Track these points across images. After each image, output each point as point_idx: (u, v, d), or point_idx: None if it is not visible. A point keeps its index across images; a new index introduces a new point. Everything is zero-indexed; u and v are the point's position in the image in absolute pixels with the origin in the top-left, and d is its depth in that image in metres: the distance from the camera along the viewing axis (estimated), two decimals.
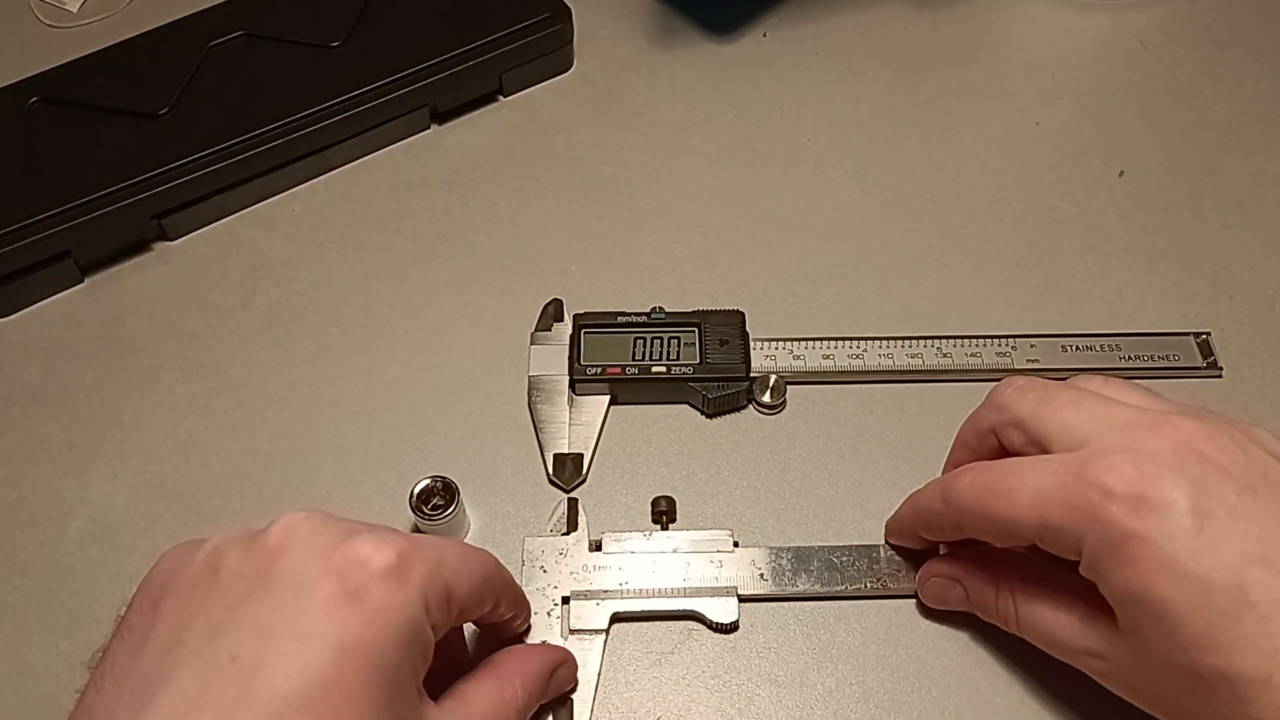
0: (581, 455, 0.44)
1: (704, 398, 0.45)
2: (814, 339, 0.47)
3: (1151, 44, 0.58)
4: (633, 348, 0.46)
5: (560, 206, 0.53)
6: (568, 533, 0.42)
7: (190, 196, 0.50)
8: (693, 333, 0.46)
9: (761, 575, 0.41)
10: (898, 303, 0.49)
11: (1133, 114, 0.56)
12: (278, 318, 0.49)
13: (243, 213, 0.52)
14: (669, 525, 0.43)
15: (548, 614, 0.40)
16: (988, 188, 0.53)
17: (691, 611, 0.41)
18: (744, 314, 0.47)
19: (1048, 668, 0.40)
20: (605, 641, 0.40)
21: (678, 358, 0.46)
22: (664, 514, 0.43)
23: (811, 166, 0.54)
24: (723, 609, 0.40)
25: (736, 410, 0.46)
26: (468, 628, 0.39)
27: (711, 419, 0.46)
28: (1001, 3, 0.60)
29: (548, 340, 0.47)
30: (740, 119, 0.56)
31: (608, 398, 0.46)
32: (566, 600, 0.41)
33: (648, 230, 0.52)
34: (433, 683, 0.33)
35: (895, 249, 0.51)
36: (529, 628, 0.40)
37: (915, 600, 0.41)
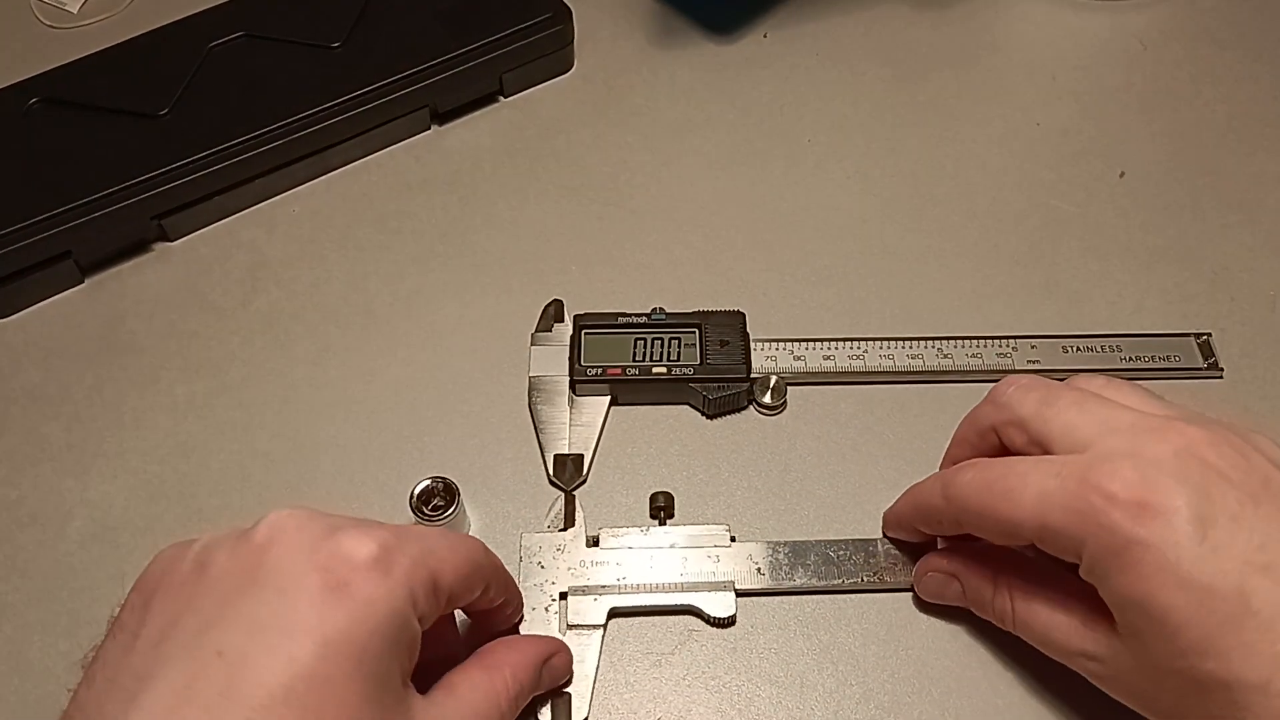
0: (582, 456, 0.45)
1: (704, 398, 0.45)
2: (814, 340, 0.47)
3: (1151, 44, 0.58)
4: (633, 348, 0.46)
5: (561, 207, 0.53)
6: (565, 528, 0.42)
7: (190, 197, 0.50)
8: (693, 333, 0.46)
9: (759, 570, 0.41)
10: (898, 303, 0.49)
11: (1133, 114, 0.56)
12: (278, 318, 0.49)
13: (243, 213, 0.52)
14: (666, 521, 0.43)
15: (545, 609, 0.40)
16: (988, 188, 0.53)
17: (689, 606, 0.41)
18: (744, 314, 0.47)
19: (1047, 667, 0.40)
20: (603, 636, 0.40)
21: (678, 358, 0.46)
22: (662, 509, 0.43)
23: (812, 167, 0.54)
24: (720, 603, 0.41)
25: (737, 411, 0.46)
26: (460, 618, 0.39)
27: (712, 420, 0.46)
28: (1001, 3, 0.60)
29: (548, 341, 0.47)
30: (740, 119, 0.56)
31: (608, 398, 0.46)
32: (564, 596, 0.41)
33: (648, 230, 0.52)
34: (424, 674, 0.33)
35: (896, 249, 0.51)
36: (522, 617, 0.40)
37: (912, 594, 0.41)
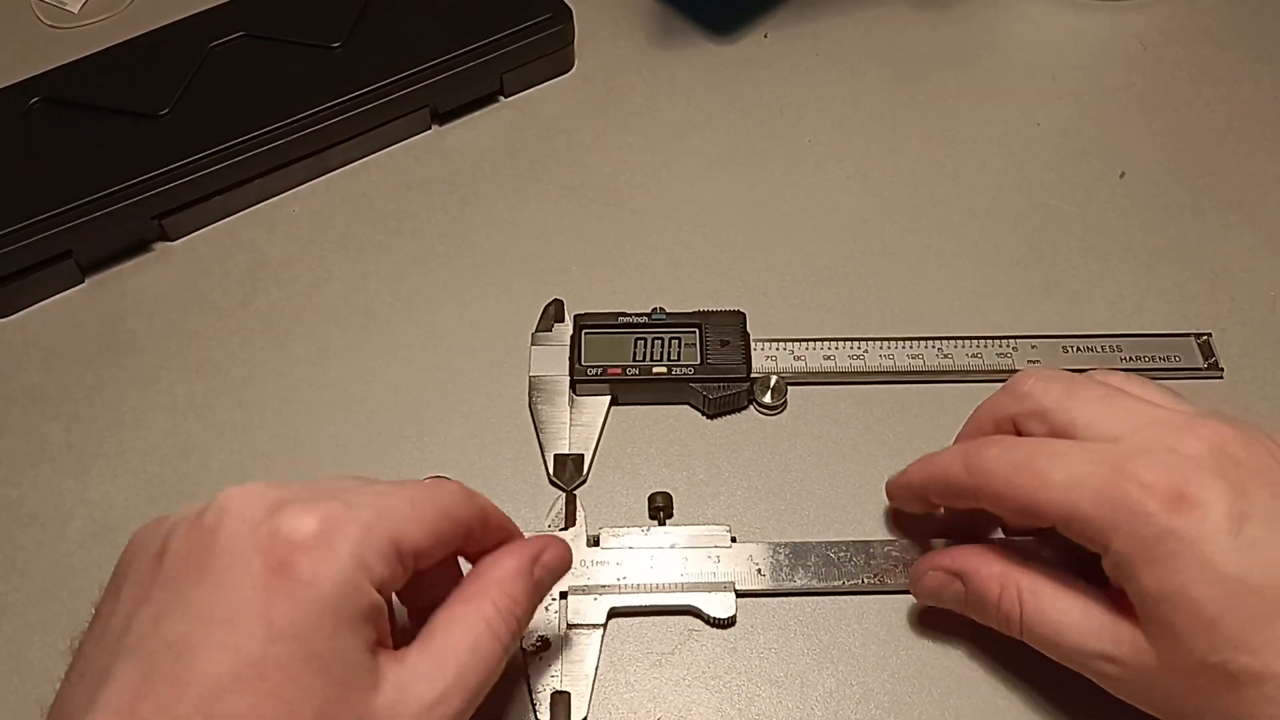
0: (582, 456, 0.45)
1: (705, 398, 0.45)
2: (815, 340, 0.47)
3: (1151, 44, 0.58)
4: (633, 348, 0.46)
5: (561, 207, 0.53)
6: (565, 528, 0.42)
7: (191, 197, 0.50)
8: (693, 333, 0.46)
9: (759, 570, 0.41)
10: (898, 303, 0.49)
11: (1133, 114, 0.56)
12: (278, 318, 0.49)
13: (243, 213, 0.52)
14: (665, 521, 0.43)
15: (545, 608, 0.40)
16: (988, 188, 0.53)
17: (689, 606, 0.41)
18: (745, 314, 0.47)
19: (1047, 668, 0.40)
20: (603, 636, 0.40)
21: (678, 358, 0.46)
22: (660, 510, 0.43)
23: (812, 167, 0.54)
24: (720, 604, 0.41)
25: (737, 411, 0.46)
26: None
27: (712, 419, 0.46)
28: (1001, 3, 0.60)
29: (548, 341, 0.47)
30: (741, 119, 0.56)
31: (608, 398, 0.46)
32: (564, 595, 0.41)
33: (648, 230, 0.52)
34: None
35: (896, 249, 0.51)
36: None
37: (914, 600, 0.41)
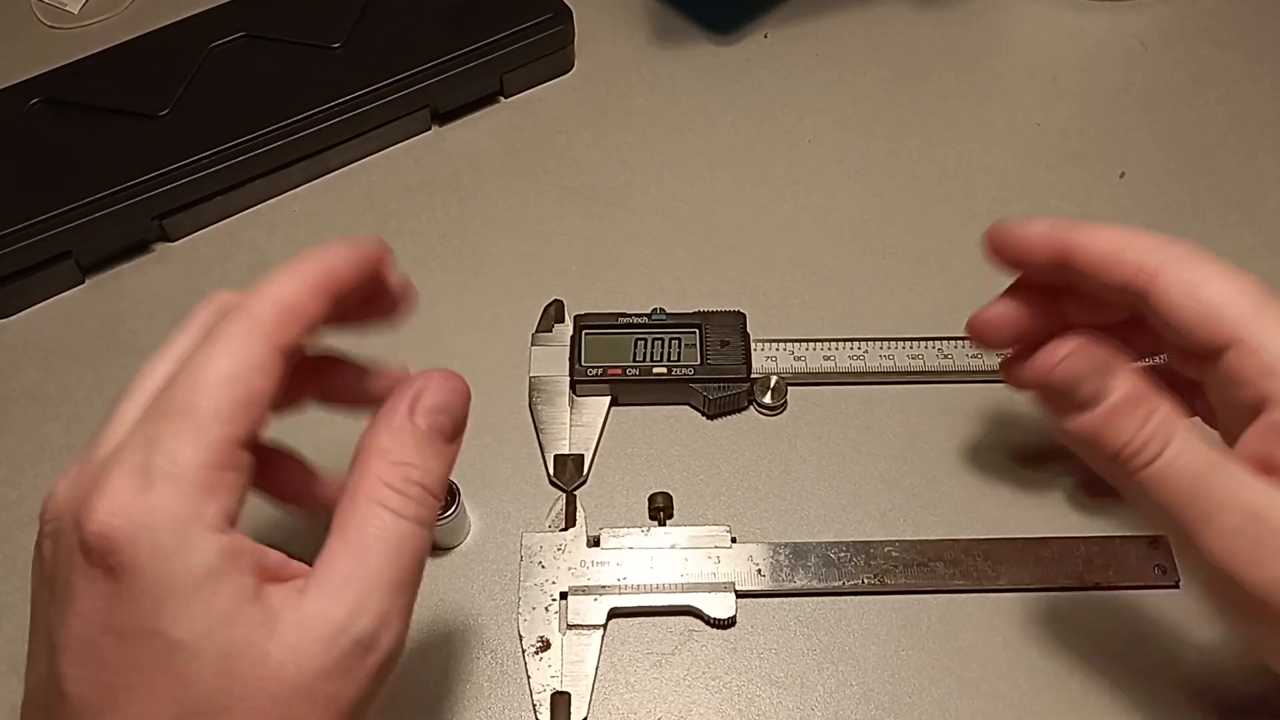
0: (582, 456, 0.45)
1: (705, 399, 0.45)
2: (815, 340, 0.47)
3: (1151, 44, 0.58)
4: (633, 348, 0.46)
5: (561, 207, 0.53)
6: (566, 528, 0.42)
7: (191, 197, 0.50)
8: (693, 334, 0.46)
9: (759, 571, 0.41)
10: (898, 303, 0.49)
11: (1133, 114, 0.56)
12: None
13: (244, 213, 0.52)
14: (665, 521, 0.43)
15: (545, 609, 0.40)
16: (988, 188, 0.53)
17: (689, 607, 0.41)
18: (745, 315, 0.47)
19: (1048, 668, 0.40)
20: (603, 636, 0.40)
21: (678, 359, 0.46)
22: (660, 510, 0.43)
23: (812, 167, 0.54)
24: (720, 604, 0.41)
25: (737, 411, 0.46)
26: None
27: (712, 420, 0.46)
28: (1002, 3, 0.60)
29: (548, 341, 0.47)
30: (740, 119, 0.56)
31: (608, 399, 0.46)
32: (564, 595, 0.41)
33: (648, 231, 0.52)
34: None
35: (896, 249, 0.51)
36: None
37: (914, 595, 0.41)
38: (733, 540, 0.42)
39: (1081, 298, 0.36)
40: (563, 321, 0.48)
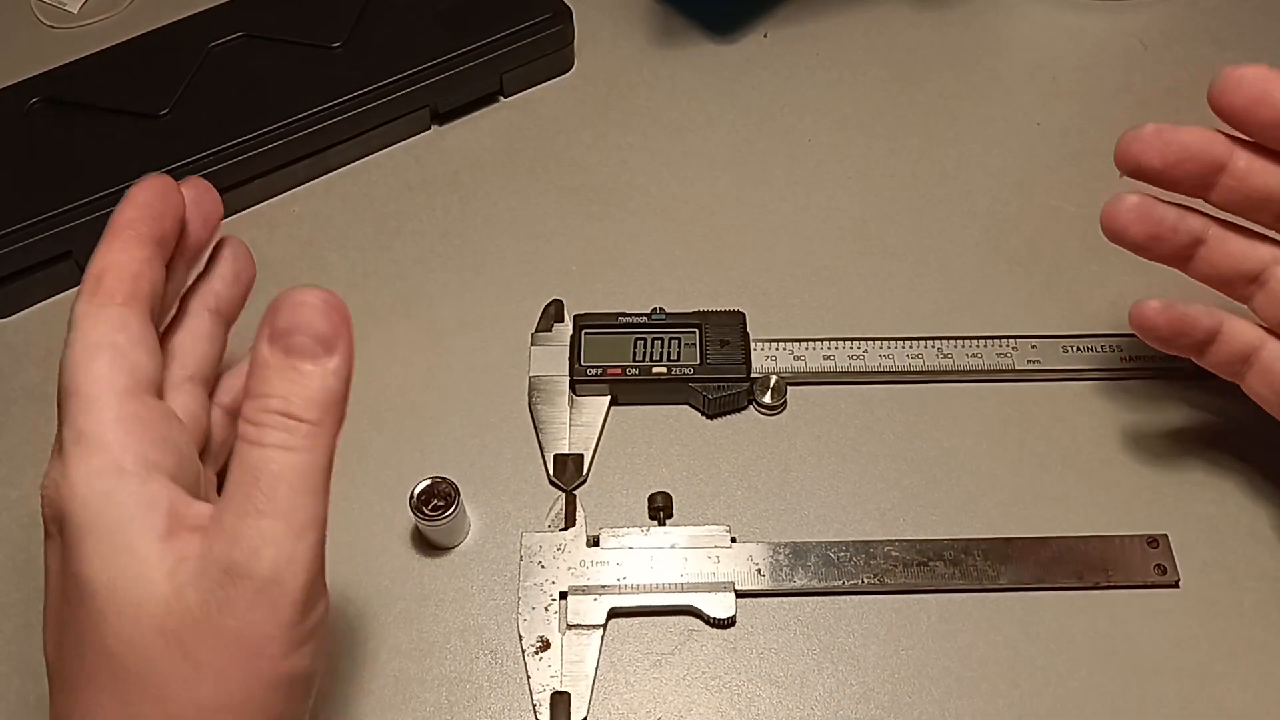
0: (582, 456, 0.45)
1: (704, 398, 0.45)
2: (815, 340, 0.47)
3: (1152, 44, 0.58)
4: (633, 348, 0.46)
5: (561, 207, 0.53)
6: (565, 528, 0.42)
7: None
8: (693, 333, 0.46)
9: (759, 570, 0.41)
10: (898, 303, 0.49)
11: (1133, 114, 0.56)
12: None
13: (243, 213, 0.52)
14: (665, 521, 0.43)
15: (545, 609, 0.40)
16: (988, 188, 0.53)
17: (689, 606, 0.41)
18: (744, 314, 0.47)
19: (1048, 668, 0.40)
20: (603, 636, 0.40)
21: (678, 358, 0.46)
22: (660, 510, 0.43)
23: (812, 167, 0.54)
24: (720, 604, 0.41)
25: (737, 411, 0.46)
26: None
27: (712, 419, 0.46)
28: (1002, 3, 0.60)
29: (548, 341, 0.47)
30: (740, 119, 0.56)
31: (608, 398, 0.46)
32: (564, 595, 0.41)
33: (648, 230, 0.52)
34: None
35: (895, 249, 0.51)
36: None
37: (914, 595, 0.41)
38: (732, 540, 0.42)
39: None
40: (562, 321, 0.48)
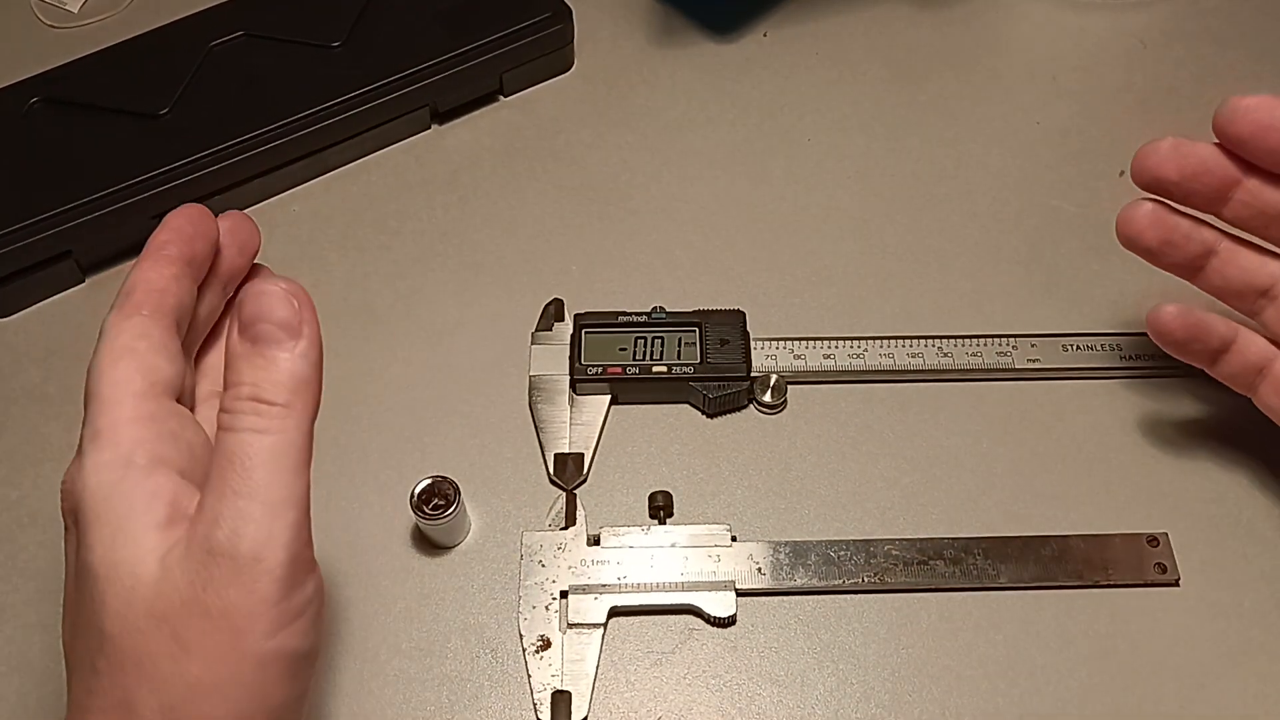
0: (582, 455, 0.45)
1: (705, 397, 0.45)
2: (815, 339, 0.47)
3: (1152, 44, 0.58)
4: (633, 347, 0.46)
5: (560, 206, 0.53)
6: (566, 527, 0.42)
7: (191, 197, 0.50)
8: (693, 332, 0.46)
9: (759, 570, 0.41)
10: (898, 303, 0.49)
11: (1133, 114, 0.56)
12: None
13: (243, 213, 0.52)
14: (666, 520, 0.43)
15: (545, 608, 0.40)
16: (988, 188, 0.53)
17: (689, 606, 0.41)
18: (744, 314, 0.47)
19: (1048, 666, 0.40)
20: (603, 635, 0.40)
21: (678, 357, 0.46)
22: (661, 509, 0.43)
23: (812, 166, 0.54)
24: (720, 603, 0.41)
25: (737, 410, 0.46)
26: None
27: (712, 419, 0.46)
28: (1002, 3, 0.60)
29: (548, 340, 0.47)
30: (740, 119, 0.56)
31: (608, 397, 0.46)
32: (565, 594, 0.41)
33: (648, 230, 0.52)
34: None
35: (895, 249, 0.51)
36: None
37: (914, 594, 0.41)
38: (733, 539, 0.42)
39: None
40: (562, 320, 0.48)
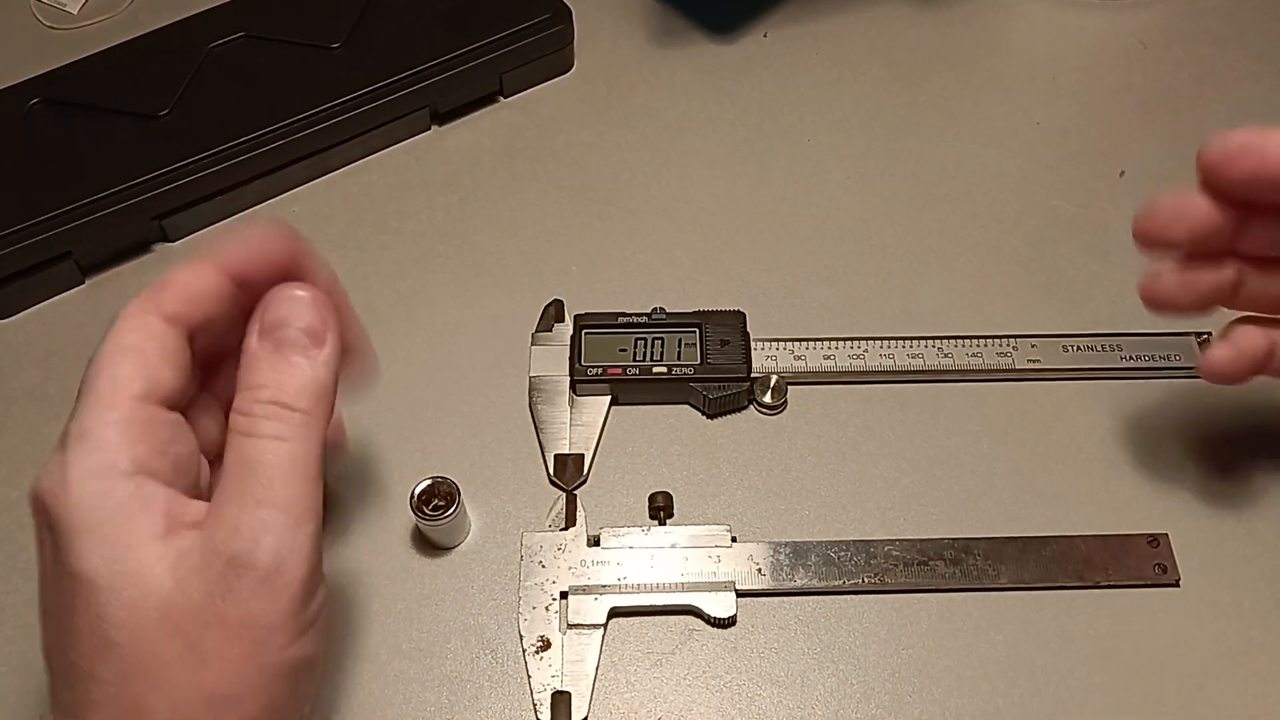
0: (582, 456, 0.45)
1: (705, 398, 0.45)
2: (815, 339, 0.47)
3: (1151, 44, 0.58)
4: (633, 348, 0.46)
5: (561, 207, 0.53)
6: (566, 528, 0.42)
7: (191, 198, 0.50)
8: (693, 333, 0.46)
9: (759, 570, 0.41)
10: (898, 303, 0.49)
11: (1133, 114, 0.56)
12: None
13: (243, 214, 0.52)
14: (666, 521, 0.43)
15: (546, 609, 0.40)
16: (988, 188, 0.53)
17: (689, 606, 0.41)
18: (745, 314, 0.47)
19: (1048, 667, 0.40)
20: (603, 636, 0.40)
21: (679, 358, 0.46)
22: (661, 509, 0.43)
23: (812, 166, 0.54)
24: (720, 604, 0.41)
25: (737, 410, 0.46)
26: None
27: (712, 419, 0.46)
28: (1002, 3, 0.60)
29: (548, 341, 0.47)
30: (740, 119, 0.56)
31: (608, 398, 0.46)
32: (565, 595, 0.41)
33: (648, 230, 0.52)
34: None
35: (895, 249, 0.51)
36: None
37: (914, 595, 0.41)
38: (733, 539, 0.42)
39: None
40: (563, 321, 0.48)
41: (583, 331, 0.47)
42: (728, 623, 0.41)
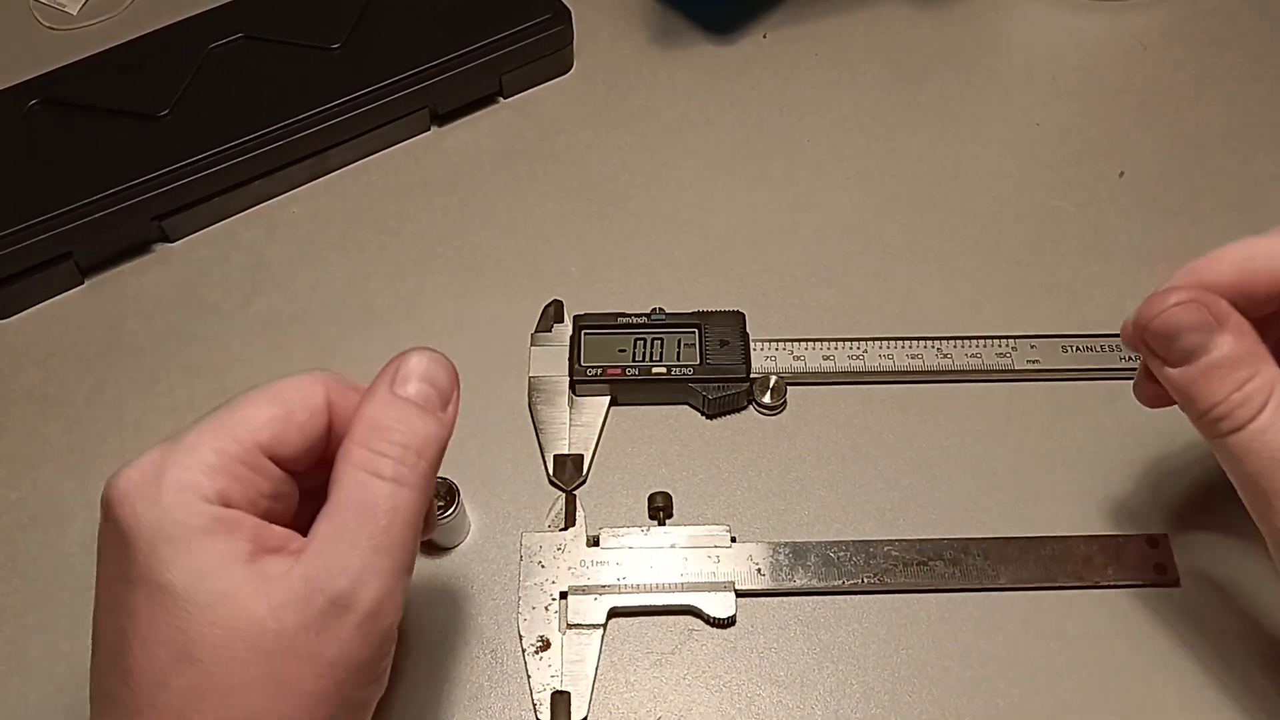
0: (582, 456, 0.45)
1: (704, 398, 0.45)
2: (814, 340, 0.47)
3: (1151, 44, 0.58)
4: (633, 348, 0.46)
5: (560, 207, 0.53)
6: (565, 528, 0.42)
7: (191, 198, 0.50)
8: (693, 333, 0.46)
9: (759, 570, 0.41)
10: (898, 303, 0.49)
11: (1133, 114, 0.56)
12: (278, 319, 0.49)
13: (243, 214, 0.52)
14: (665, 521, 0.43)
15: (545, 609, 0.40)
16: (988, 188, 0.53)
17: (689, 606, 0.41)
18: (744, 315, 0.47)
19: (1048, 667, 0.40)
20: (603, 636, 0.40)
21: (678, 358, 0.46)
22: (660, 510, 0.43)
23: (811, 167, 0.54)
24: (720, 604, 0.41)
25: (737, 411, 0.46)
26: None
27: (712, 420, 0.46)
28: (1002, 3, 0.60)
29: (548, 341, 0.47)
30: (740, 120, 0.56)
31: (608, 399, 0.46)
32: (564, 595, 0.41)
33: (648, 231, 0.52)
34: None
35: (895, 249, 0.51)
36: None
37: (914, 595, 0.41)
38: (732, 540, 0.42)
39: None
40: (562, 321, 0.48)
41: (582, 332, 0.47)
42: (727, 623, 0.41)
